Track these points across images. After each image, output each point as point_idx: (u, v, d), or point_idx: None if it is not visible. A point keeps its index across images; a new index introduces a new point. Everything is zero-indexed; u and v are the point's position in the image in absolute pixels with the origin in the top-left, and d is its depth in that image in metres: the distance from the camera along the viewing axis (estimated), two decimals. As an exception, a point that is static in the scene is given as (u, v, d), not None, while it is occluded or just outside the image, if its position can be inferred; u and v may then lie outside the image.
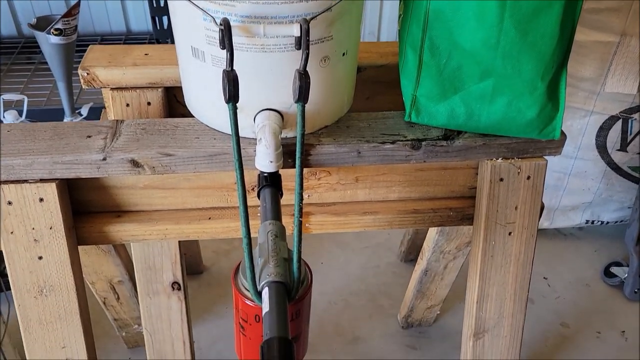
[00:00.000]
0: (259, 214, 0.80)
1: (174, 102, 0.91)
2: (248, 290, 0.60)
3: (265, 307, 0.54)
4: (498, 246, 0.81)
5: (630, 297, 1.51)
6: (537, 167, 0.76)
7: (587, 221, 1.64)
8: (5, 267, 0.74)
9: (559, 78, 0.69)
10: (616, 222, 1.66)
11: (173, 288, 1.00)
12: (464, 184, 0.82)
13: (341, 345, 1.38)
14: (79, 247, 0.78)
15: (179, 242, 0.96)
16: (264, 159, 0.68)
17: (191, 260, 1.54)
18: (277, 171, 0.70)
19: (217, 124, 0.73)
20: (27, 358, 0.79)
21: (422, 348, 1.38)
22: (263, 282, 0.56)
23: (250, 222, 0.79)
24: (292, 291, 0.58)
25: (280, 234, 0.62)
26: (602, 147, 1.47)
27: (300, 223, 0.62)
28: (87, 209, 0.77)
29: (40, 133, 0.72)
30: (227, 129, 0.72)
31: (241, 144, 0.71)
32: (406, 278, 1.52)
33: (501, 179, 0.77)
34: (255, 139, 0.71)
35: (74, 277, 0.75)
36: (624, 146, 1.47)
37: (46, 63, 1.62)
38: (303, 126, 0.65)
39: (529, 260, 0.82)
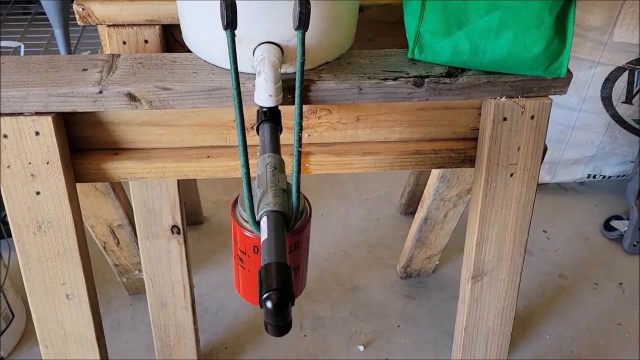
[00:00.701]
0: (257, 153, 0.79)
1: (171, 42, 0.89)
2: (247, 222, 0.60)
3: (264, 235, 0.53)
4: (499, 188, 0.80)
5: (629, 250, 1.52)
6: (541, 106, 0.75)
7: (589, 175, 1.64)
8: (6, 215, 0.74)
9: (568, 11, 0.67)
10: (618, 176, 1.66)
11: (172, 232, 1.00)
12: (466, 125, 0.81)
13: (340, 294, 1.39)
14: (77, 185, 0.78)
15: (179, 187, 0.96)
16: (263, 93, 0.67)
17: (191, 210, 1.54)
18: (277, 106, 0.68)
19: (216, 58, 0.72)
20: (28, 295, 0.79)
21: (421, 297, 1.39)
22: (261, 212, 0.56)
23: (250, 162, 0.79)
24: (291, 221, 0.57)
25: (279, 166, 0.61)
26: (607, 99, 1.45)
27: (299, 153, 0.61)
28: (84, 146, 0.77)
29: (35, 66, 0.71)
30: (226, 63, 0.70)
31: (240, 79, 0.70)
32: (406, 230, 1.52)
33: (504, 119, 0.76)
34: (255, 74, 0.70)
35: (72, 213, 0.75)
36: (629, 98, 1.45)
37: (44, 13, 1.59)
38: (303, 54, 0.63)
39: (529, 202, 0.82)
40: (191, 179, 1.48)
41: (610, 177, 1.65)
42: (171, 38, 0.89)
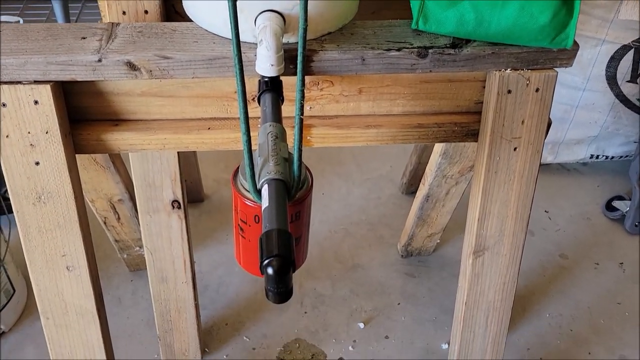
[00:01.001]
0: (259, 125, 0.79)
1: (171, 13, 0.88)
2: (248, 191, 0.59)
3: (265, 203, 0.53)
4: (502, 162, 0.80)
5: (630, 231, 1.51)
6: (547, 78, 0.74)
7: (592, 156, 1.63)
8: (6, 190, 0.73)
9: (575, -20, 0.66)
10: (621, 157, 1.65)
11: (173, 206, 1.00)
12: (470, 98, 0.80)
13: (340, 271, 1.39)
14: (77, 158, 0.77)
15: (179, 161, 0.95)
16: (264, 62, 0.66)
17: (192, 188, 1.54)
18: (278, 77, 0.68)
19: (217, 27, 0.71)
20: (28, 266, 0.79)
21: (421, 276, 1.39)
22: (263, 180, 0.55)
23: (251, 135, 0.78)
24: (292, 190, 0.57)
25: (280, 135, 0.60)
26: (611, 78, 1.44)
27: (301, 121, 0.61)
28: (84, 117, 0.76)
29: (33, 33, 0.70)
30: (227, 32, 0.69)
31: (242, 48, 0.69)
32: (407, 209, 1.51)
33: (509, 91, 0.75)
34: (256, 44, 0.69)
35: (72, 184, 0.74)
36: (634, 77, 1.43)
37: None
38: (306, 20, 0.62)
39: (532, 177, 0.81)
40: (192, 156, 1.48)
41: (613, 157, 1.65)
42: (171, 9, 0.88)
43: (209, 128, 0.77)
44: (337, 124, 0.79)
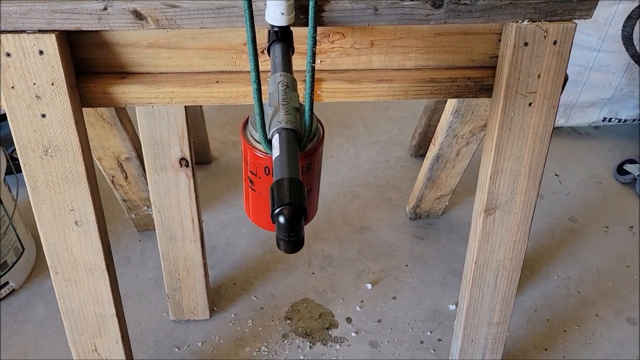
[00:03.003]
0: (267, 78, 0.77)
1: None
2: (258, 142, 0.58)
3: (276, 152, 0.52)
4: (517, 118, 0.78)
5: (640, 194, 1.50)
6: (565, 30, 0.72)
7: (605, 119, 1.60)
8: (14, 150, 0.73)
9: None
10: (634, 120, 1.62)
11: (181, 164, 0.99)
12: (485, 52, 0.77)
13: (348, 233, 1.39)
14: (84, 114, 0.76)
15: (187, 119, 0.94)
16: (274, 11, 0.64)
17: (200, 149, 1.53)
18: (289, 26, 0.66)
19: (225, -26, 0.68)
20: (37, 221, 0.79)
21: (429, 238, 1.39)
22: (273, 130, 0.54)
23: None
24: (303, 140, 0.56)
25: (291, 84, 0.59)
26: (627, 39, 1.40)
27: (312, 69, 0.59)
28: (90, 69, 0.74)
29: (37, -19, 0.68)
30: (236, -20, 0.67)
31: (250, -2, 0.67)
32: (416, 172, 1.51)
33: (526, 44, 0.72)
34: (265, -7, 0.67)
35: (79, 137, 0.73)
36: (651, 37, 1.40)
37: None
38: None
39: (547, 134, 0.80)
40: (199, 118, 1.46)
41: (626, 120, 1.62)
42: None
43: (217, 82, 0.76)
44: (348, 78, 0.77)
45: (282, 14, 0.64)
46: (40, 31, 0.67)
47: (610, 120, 1.61)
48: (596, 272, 1.33)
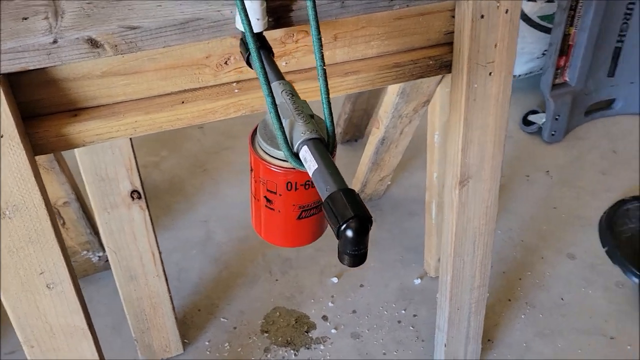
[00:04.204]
0: (236, 90, 0.73)
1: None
2: (274, 158, 0.55)
3: (312, 165, 0.49)
4: (480, 88, 0.80)
5: (548, 140, 1.63)
6: (515, -2, 0.75)
7: (504, 77, 1.71)
8: None
9: None
10: (527, 74, 1.75)
11: (133, 198, 0.91)
12: (439, 30, 0.79)
13: (300, 232, 1.37)
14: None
15: (132, 146, 0.86)
16: (250, 17, 0.60)
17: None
18: (262, 32, 0.62)
19: (180, -15, 0.63)
20: (2, 293, 0.68)
21: (377, 220, 1.41)
22: (298, 142, 0.51)
23: (225, 102, 0.72)
24: (330, 146, 0.53)
25: (294, 91, 0.56)
26: None
27: (324, 72, 0.56)
28: (36, 112, 0.65)
29: (-39, 21, 0.58)
30: (192, -10, 0.62)
31: (214, 7, 0.62)
32: (348, 159, 1.52)
33: (482, 16, 0.75)
34: (229, 1, 0.63)
35: (40, 191, 0.64)
36: (535, -5, 1.51)
37: None
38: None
39: (507, 99, 0.83)
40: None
41: (520, 75, 1.75)
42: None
43: (182, 102, 0.70)
44: (315, 76, 0.75)
45: (258, 19, 0.60)
46: (-21, 78, 0.57)
47: (508, 77, 1.72)
48: (531, 219, 1.43)
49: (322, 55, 0.57)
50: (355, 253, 0.45)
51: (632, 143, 1.66)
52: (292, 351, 1.14)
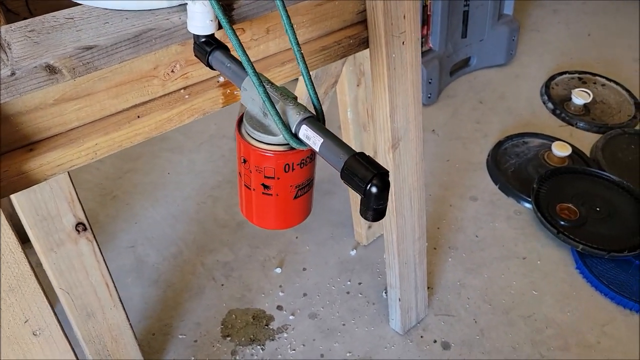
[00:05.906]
0: (186, 96, 0.74)
1: (3, 12, 0.74)
2: (269, 144, 0.58)
3: (317, 140, 0.53)
4: (397, 58, 0.89)
5: (426, 103, 1.79)
6: (414, -28, 0.84)
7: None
8: None
9: None
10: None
11: (78, 231, 0.88)
12: (352, 11, 0.86)
13: (230, 234, 1.38)
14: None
15: (70, 176, 0.83)
16: (203, 20, 0.62)
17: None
18: (214, 33, 0.65)
19: (119, 2, 0.63)
20: (-18, 356, 0.64)
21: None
22: (296, 123, 0.54)
23: (179, 109, 0.73)
24: (321, 121, 0.57)
25: (268, 80, 0.59)
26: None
27: (302, 55, 0.60)
28: (-10, 153, 0.62)
29: None
30: (131, 4, 0.63)
31: (161, 15, 0.64)
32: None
33: (391, -8, 0.83)
34: (172, 8, 0.65)
35: (14, 233, 0.61)
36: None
37: None
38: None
39: (418, 63, 0.93)
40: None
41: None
42: (3, 8, 0.74)
43: (138, 116, 0.70)
44: (265, 66, 0.78)
45: (211, 20, 0.63)
46: (-64, 125, 0.53)
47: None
48: (431, 174, 1.57)
49: (297, 41, 0.61)
50: (380, 207, 0.50)
51: (492, 92, 1.88)
52: (258, 347, 1.16)
